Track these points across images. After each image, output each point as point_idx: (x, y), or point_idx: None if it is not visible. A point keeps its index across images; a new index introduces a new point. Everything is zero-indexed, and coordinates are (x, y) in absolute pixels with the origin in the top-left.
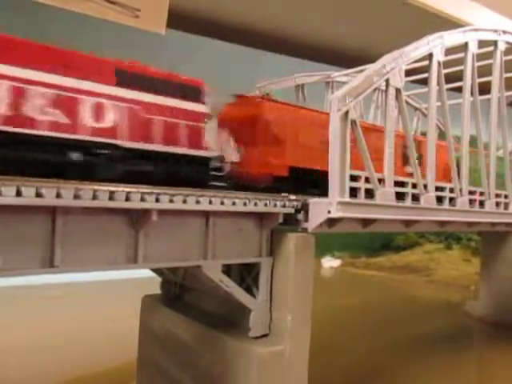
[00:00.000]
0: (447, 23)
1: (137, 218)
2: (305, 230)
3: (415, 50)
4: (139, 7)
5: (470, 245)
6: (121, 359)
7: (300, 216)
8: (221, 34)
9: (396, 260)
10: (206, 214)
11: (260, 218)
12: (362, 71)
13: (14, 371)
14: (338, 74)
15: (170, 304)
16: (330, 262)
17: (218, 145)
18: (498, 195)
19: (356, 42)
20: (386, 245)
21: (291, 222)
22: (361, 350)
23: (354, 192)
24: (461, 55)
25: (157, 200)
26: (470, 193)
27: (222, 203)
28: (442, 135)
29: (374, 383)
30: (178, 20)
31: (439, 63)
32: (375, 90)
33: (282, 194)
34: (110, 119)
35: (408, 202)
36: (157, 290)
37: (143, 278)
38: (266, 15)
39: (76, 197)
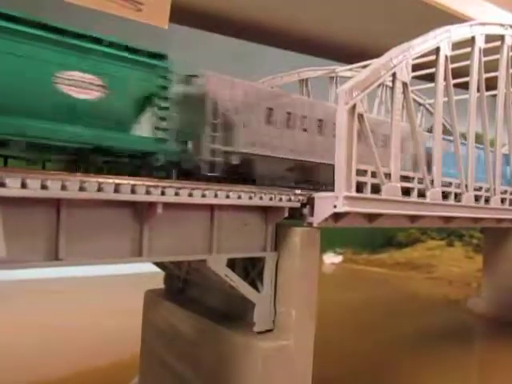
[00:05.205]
0: (452, 19)
1: (142, 211)
2: (310, 224)
3: (422, 44)
4: (142, 1)
5: (472, 242)
6: (123, 353)
7: (305, 210)
8: (224, 28)
9: (398, 257)
10: (211, 208)
11: (265, 212)
12: (366, 66)
13: (14, 368)
14: (342, 69)
15: (174, 298)
16: (331, 259)
17: None
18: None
19: (360, 38)
20: (387, 241)
21: (296, 216)
22: (362, 346)
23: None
24: (467, 50)
25: (162, 193)
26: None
27: (228, 197)
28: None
29: (374, 380)
30: (181, 15)
31: (446, 57)
32: (379, 85)
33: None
34: None
35: (414, 197)
36: (158, 286)
37: (143, 273)
38: (270, 10)
39: (81, 189)
